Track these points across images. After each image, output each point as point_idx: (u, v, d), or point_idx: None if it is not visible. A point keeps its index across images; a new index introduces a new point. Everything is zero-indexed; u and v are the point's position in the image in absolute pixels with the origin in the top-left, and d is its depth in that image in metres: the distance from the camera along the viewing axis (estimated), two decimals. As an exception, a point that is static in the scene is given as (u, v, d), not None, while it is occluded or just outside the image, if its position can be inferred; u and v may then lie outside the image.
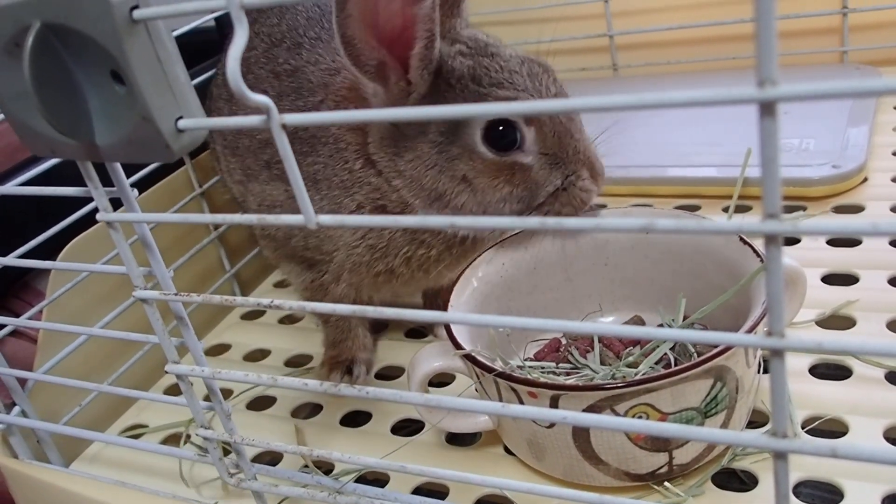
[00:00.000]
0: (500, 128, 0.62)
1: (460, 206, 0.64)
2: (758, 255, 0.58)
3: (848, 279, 0.73)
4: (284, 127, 0.35)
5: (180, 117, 0.38)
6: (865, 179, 0.87)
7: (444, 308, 0.64)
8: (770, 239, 0.29)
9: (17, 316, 0.74)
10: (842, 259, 0.76)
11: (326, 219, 0.37)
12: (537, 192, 0.64)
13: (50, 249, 0.74)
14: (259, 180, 0.74)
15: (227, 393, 0.79)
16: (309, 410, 0.76)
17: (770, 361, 0.32)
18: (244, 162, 0.76)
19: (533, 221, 0.31)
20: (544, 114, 0.63)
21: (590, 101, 0.28)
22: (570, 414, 0.37)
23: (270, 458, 0.70)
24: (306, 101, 0.70)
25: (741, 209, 0.87)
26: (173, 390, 0.82)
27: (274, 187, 0.72)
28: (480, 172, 0.63)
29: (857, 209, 0.83)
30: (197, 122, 0.38)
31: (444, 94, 0.63)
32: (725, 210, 0.86)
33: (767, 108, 0.26)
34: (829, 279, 0.74)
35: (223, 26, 1.01)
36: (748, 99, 0.26)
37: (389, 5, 0.59)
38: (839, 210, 0.84)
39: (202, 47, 0.89)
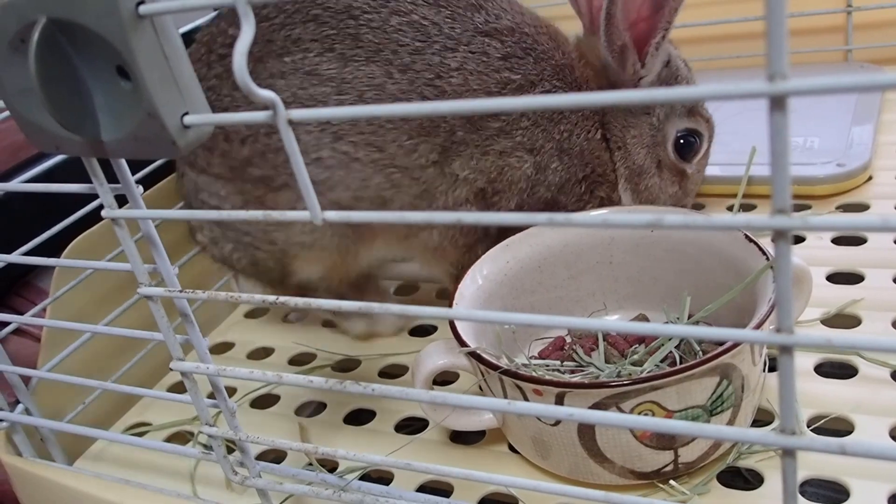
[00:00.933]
0: (688, 139, 0.74)
1: (647, 187, 0.75)
2: (763, 253, 0.58)
3: (853, 278, 0.73)
4: (291, 122, 0.35)
5: (186, 113, 0.37)
6: (870, 178, 0.86)
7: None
8: (779, 234, 0.29)
9: (20, 314, 0.74)
10: (847, 257, 0.76)
11: (332, 215, 0.37)
12: (684, 200, 0.77)
13: (54, 247, 0.74)
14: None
15: (230, 391, 0.79)
16: (313, 408, 0.76)
17: (778, 358, 0.31)
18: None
19: (541, 217, 0.31)
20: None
21: (605, 96, 0.28)
22: (577, 411, 0.37)
23: (274, 457, 0.70)
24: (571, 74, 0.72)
25: (745, 207, 0.87)
26: (177, 388, 0.82)
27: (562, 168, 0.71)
28: (667, 166, 0.75)
29: (862, 208, 0.83)
30: (203, 117, 0.37)
31: (669, 84, 0.73)
32: (730, 209, 0.86)
33: (777, 103, 0.26)
34: (834, 278, 0.74)
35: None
36: (758, 93, 0.26)
37: None
38: (844, 209, 0.84)
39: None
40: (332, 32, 0.66)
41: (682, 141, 0.74)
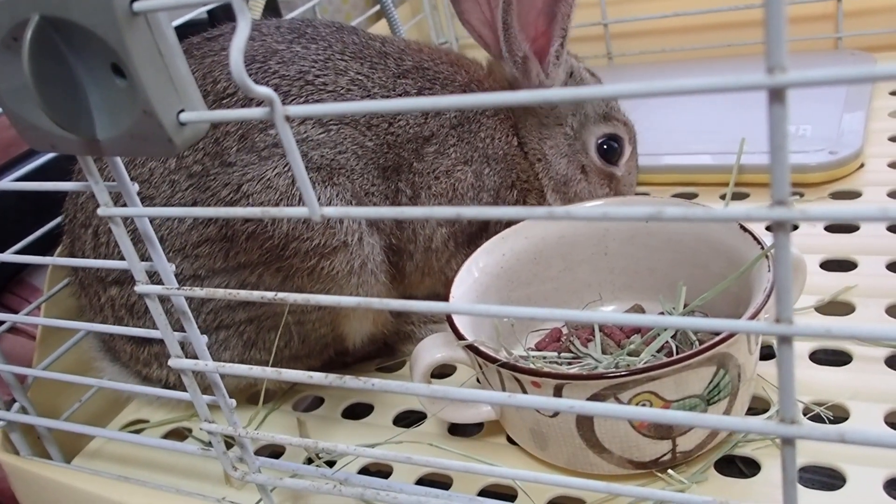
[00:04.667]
0: (610, 143, 0.78)
1: (577, 194, 0.78)
2: (758, 242, 0.58)
3: (846, 265, 0.74)
4: (288, 118, 0.35)
5: (182, 110, 0.37)
6: (862, 165, 0.87)
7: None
8: (779, 225, 0.29)
9: (14, 312, 0.74)
10: (840, 245, 0.76)
11: (331, 210, 0.37)
12: None
13: (47, 244, 0.73)
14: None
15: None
16: (309, 403, 0.76)
17: (777, 348, 0.32)
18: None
19: (540, 211, 0.31)
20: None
21: (604, 89, 0.28)
22: (576, 403, 0.37)
23: (270, 452, 0.70)
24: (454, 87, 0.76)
25: (738, 196, 0.88)
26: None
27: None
28: (593, 171, 0.78)
29: (854, 195, 0.84)
30: (199, 114, 0.37)
31: None
32: (722, 197, 0.86)
33: (777, 95, 0.26)
34: (828, 265, 0.74)
35: (216, 19, 1.00)
36: (758, 85, 0.26)
37: (537, 2, 0.71)
38: (836, 196, 0.84)
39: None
40: (301, 101, 0.67)
41: (605, 146, 0.78)
